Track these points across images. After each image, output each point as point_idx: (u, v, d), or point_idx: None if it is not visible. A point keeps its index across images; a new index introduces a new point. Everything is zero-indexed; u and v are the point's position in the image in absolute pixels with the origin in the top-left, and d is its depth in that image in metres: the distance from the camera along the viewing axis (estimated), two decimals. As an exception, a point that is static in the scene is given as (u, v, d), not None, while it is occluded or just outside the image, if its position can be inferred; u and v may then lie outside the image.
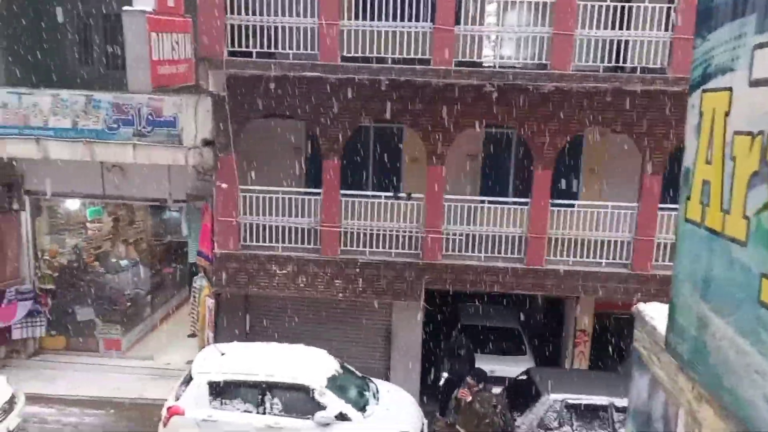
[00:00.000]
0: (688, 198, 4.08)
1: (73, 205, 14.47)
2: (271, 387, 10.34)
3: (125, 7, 10.12)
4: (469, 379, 10.62)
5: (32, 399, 11.90)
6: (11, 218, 13.34)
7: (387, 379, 12.52)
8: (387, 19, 11.06)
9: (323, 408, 10.19)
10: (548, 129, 11.51)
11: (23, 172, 13.25)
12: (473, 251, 11.90)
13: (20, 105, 11.90)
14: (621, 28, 10.97)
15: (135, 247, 15.99)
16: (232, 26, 11.18)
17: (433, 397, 12.59)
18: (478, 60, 11.35)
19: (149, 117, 11.90)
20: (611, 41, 11.01)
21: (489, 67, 11.43)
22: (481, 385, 10.69)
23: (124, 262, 15.40)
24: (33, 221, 13.80)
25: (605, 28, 10.92)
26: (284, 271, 11.98)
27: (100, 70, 14.32)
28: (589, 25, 10.92)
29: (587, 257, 11.88)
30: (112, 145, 11.97)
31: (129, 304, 14.74)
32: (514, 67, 11.41)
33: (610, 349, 13.34)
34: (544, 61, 11.11)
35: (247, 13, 11.14)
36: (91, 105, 11.91)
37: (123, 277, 15.04)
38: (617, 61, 11.13)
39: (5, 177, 13.01)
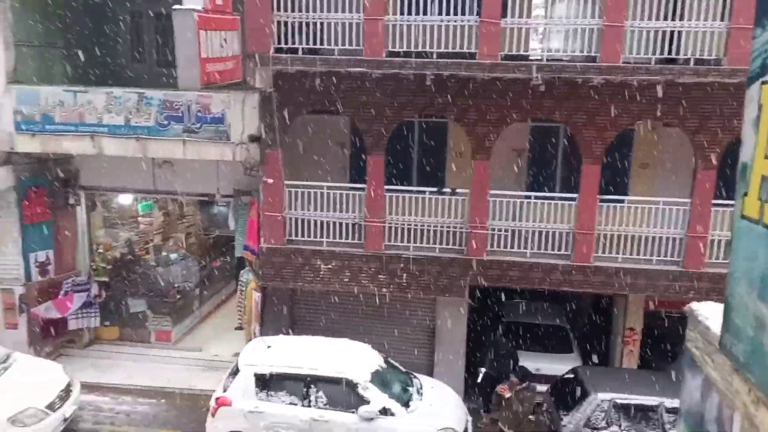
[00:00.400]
0: (745, 194, 3.93)
1: (125, 199, 14.90)
2: (316, 380, 10.46)
3: (175, 6, 10.34)
4: (512, 377, 10.53)
5: (87, 387, 12.35)
6: (68, 213, 13.83)
7: (431, 374, 12.51)
8: (432, 14, 11.00)
9: (367, 402, 10.25)
10: (597, 123, 11.27)
11: (79, 168, 13.69)
12: (519, 247, 11.75)
13: (76, 103, 12.29)
14: (674, 18, 10.65)
15: (184, 241, 16.38)
16: (279, 23, 11.29)
17: (477, 393, 12.52)
18: (525, 53, 11.18)
19: (198, 114, 12.14)
20: (663, 32, 10.69)
21: (536, 60, 11.25)
22: (524, 384, 10.58)
23: (173, 256, 15.78)
24: (88, 215, 14.27)
25: (657, 18, 10.62)
26: (329, 266, 12.07)
27: (151, 68, 14.69)
28: (640, 15, 10.63)
29: (637, 254, 11.60)
30: (162, 142, 12.26)
31: (178, 296, 15.11)
32: (562, 60, 11.20)
33: (661, 349, 13.01)
34: (593, 54, 10.87)
35: (293, 10, 11.23)
36: (143, 102, 12.21)
37: (173, 270, 15.42)
38: (669, 52, 10.80)
39: (62, 173, 13.48)
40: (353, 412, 10.25)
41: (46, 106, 12.32)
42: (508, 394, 10.36)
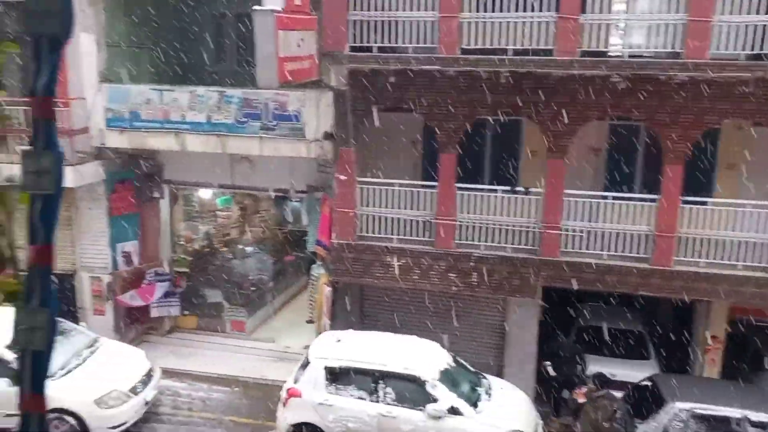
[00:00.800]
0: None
1: (205, 194, 15.47)
2: (385, 376, 10.55)
3: (256, 7, 10.64)
4: (589, 383, 10.29)
5: (167, 373, 12.92)
6: (152, 206, 14.50)
7: (500, 376, 12.37)
8: (508, 10, 10.86)
9: (435, 401, 10.26)
10: (680, 122, 10.83)
11: (163, 163, 14.32)
12: (594, 249, 11.45)
13: (162, 101, 12.87)
14: (767, 12, 10.08)
15: (259, 235, 16.85)
16: (354, 22, 11.43)
17: (547, 396, 12.30)
18: (605, 49, 10.87)
19: (275, 111, 12.44)
20: (754, 27, 10.14)
21: (616, 56, 10.92)
22: (603, 391, 10.31)
23: (249, 249, 16.27)
24: (171, 209, 14.92)
25: (747, 12, 10.09)
26: (399, 263, 12.14)
27: (232, 67, 15.17)
28: (729, 10, 10.13)
29: (721, 259, 11.07)
30: (241, 138, 12.65)
31: (253, 288, 15.57)
32: (644, 56, 10.82)
33: (746, 358, 12.38)
34: (677, 50, 10.45)
35: (368, 9, 11.35)
36: (224, 100, 12.64)
37: (248, 263, 15.90)
38: (761, 48, 10.24)
39: (147, 168, 14.14)
40: (421, 410, 10.28)
41: (134, 104, 12.96)
42: (582, 399, 10.12)
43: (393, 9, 11.23)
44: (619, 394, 11.21)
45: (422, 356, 10.98)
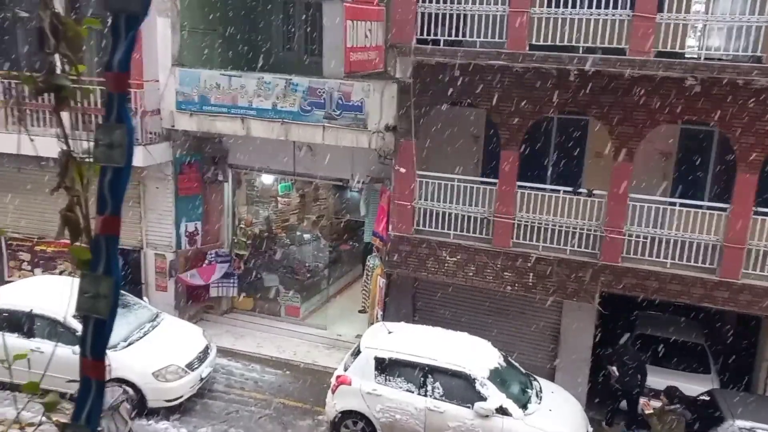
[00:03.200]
0: None
1: (267, 179, 15.77)
2: (434, 371, 10.54)
3: (326, -3, 10.77)
4: (662, 396, 10.02)
5: (222, 352, 13.29)
6: (216, 189, 14.89)
7: (552, 380, 12.18)
8: (580, 7, 10.60)
9: (484, 399, 10.19)
10: (757, 129, 10.35)
11: (228, 147, 14.68)
12: (658, 256, 11.10)
13: (230, 87, 13.17)
14: None
15: (317, 223, 17.07)
16: (422, 14, 11.39)
17: (600, 404, 12.04)
18: (680, 50, 10.48)
19: (339, 101, 12.55)
20: None
21: (692, 58, 10.52)
22: (674, 406, 10.00)
23: (307, 236, 16.51)
24: (233, 192, 15.28)
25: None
26: (454, 259, 12.09)
27: (299, 55, 15.39)
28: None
29: (794, 275, 10.56)
30: (304, 126, 12.83)
31: (309, 275, 15.80)
32: (722, 60, 10.38)
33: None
34: (758, 54, 9.98)
35: (437, 2, 11.29)
36: (290, 88, 12.83)
37: (305, 250, 16.15)
38: None
39: (214, 151, 14.52)
40: (469, 407, 10.24)
41: (204, 88, 13.31)
42: (649, 411, 9.86)
43: (462, 3, 11.14)
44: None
45: (473, 353, 10.92)
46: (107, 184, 1.16)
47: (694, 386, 11.31)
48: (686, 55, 10.63)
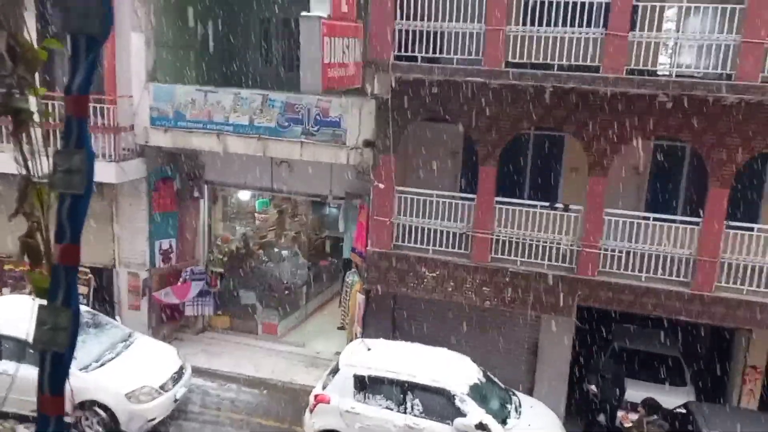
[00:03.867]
0: None
1: (244, 195, 15.64)
2: (413, 387, 10.48)
3: (303, 13, 10.75)
4: (640, 408, 10.06)
5: (197, 372, 13.06)
6: (192, 205, 14.72)
7: (531, 393, 12.20)
8: (555, 25, 10.76)
9: (463, 415, 10.15)
10: (728, 145, 10.57)
11: (204, 163, 14.54)
12: (633, 270, 11.22)
13: (206, 102, 13.07)
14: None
15: (296, 239, 16.96)
16: (400, 31, 11.46)
17: (578, 417, 12.07)
18: (653, 68, 10.68)
19: (317, 117, 12.54)
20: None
21: (664, 75, 10.72)
22: (653, 417, 10.06)
23: (284, 253, 16.38)
24: (209, 209, 15.12)
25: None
26: (433, 274, 12.08)
27: (276, 71, 15.35)
28: (786, 31, 9.86)
29: (766, 287, 10.74)
30: (282, 142, 12.77)
31: (287, 292, 15.66)
32: (693, 77, 10.60)
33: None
34: (728, 71, 10.22)
35: (414, 19, 11.37)
36: (267, 104, 12.78)
37: (283, 267, 16.01)
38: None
39: (189, 167, 14.37)
40: (449, 424, 10.18)
41: (179, 104, 13.19)
42: (628, 424, 9.90)
43: (439, 20, 11.23)
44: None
45: (452, 369, 10.88)
46: (66, 212, 1.11)
47: (671, 398, 11.41)
48: (658, 73, 10.83)
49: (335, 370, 11.11)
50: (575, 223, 11.47)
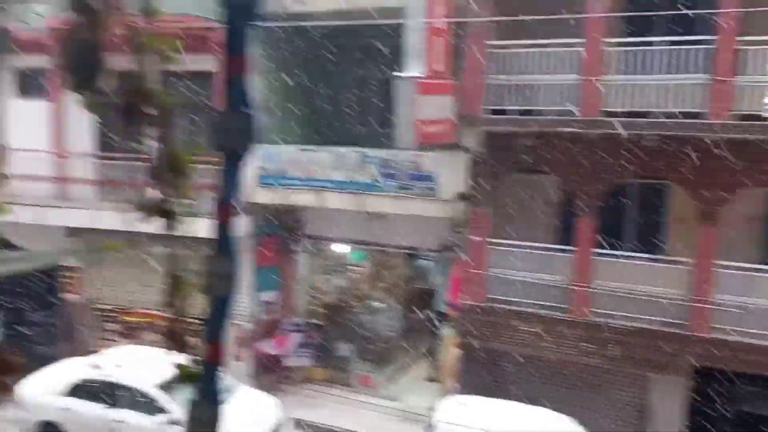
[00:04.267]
0: None
1: (341, 249, 16.02)
2: (512, 448, 10.12)
3: (397, 73, 11.13)
4: None
5: (296, 423, 13.23)
6: (292, 258, 15.24)
7: (639, 459, 11.43)
8: (652, 72, 10.52)
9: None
10: None
11: (304, 219, 15.07)
12: (758, 328, 10.41)
13: (307, 161, 13.68)
14: None
15: (390, 291, 17.06)
16: (492, 86, 11.58)
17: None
18: (759, 112, 10.16)
19: (411, 172, 12.78)
20: None
21: (774, 119, 10.16)
22: None
23: (379, 305, 16.50)
24: (309, 262, 15.58)
25: None
26: (529, 329, 11.77)
27: (372, 129, 15.83)
28: None
29: None
30: (378, 197, 13.08)
31: (381, 344, 15.70)
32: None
33: None
34: None
35: (507, 74, 11.46)
36: (364, 161, 13.21)
37: (378, 319, 16.11)
38: None
39: (290, 222, 14.95)
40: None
41: (283, 164, 13.86)
42: None
43: (532, 73, 11.27)
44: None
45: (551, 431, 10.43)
46: (214, 312, 1.21)
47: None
48: (766, 116, 10.28)
49: (430, 426, 10.93)
50: (684, 276, 10.88)
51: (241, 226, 14.13)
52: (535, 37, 11.21)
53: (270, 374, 15.09)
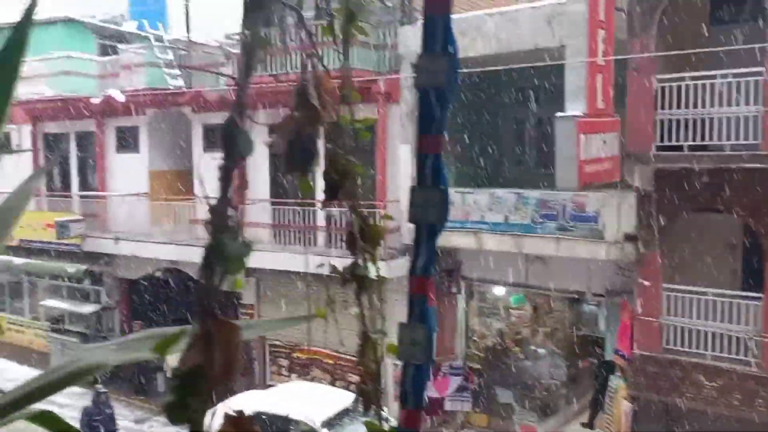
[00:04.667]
0: None
1: (499, 291, 15.76)
2: None
3: (558, 114, 10.92)
4: None
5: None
6: (450, 300, 15.25)
7: None
8: None
9: None
10: None
11: (461, 260, 15.07)
12: None
13: (464, 203, 13.73)
14: None
15: (552, 337, 16.42)
16: (661, 121, 10.95)
17: None
18: None
19: (572, 212, 12.34)
20: None
21: None
22: None
23: (541, 351, 15.92)
24: (467, 304, 15.49)
25: None
26: (713, 384, 10.70)
27: (528, 169, 15.60)
28: None
29: None
30: (536, 238, 12.76)
31: (545, 392, 15.07)
32: None
33: None
34: None
35: (678, 108, 10.79)
36: (521, 202, 12.99)
37: (540, 365, 15.52)
38: None
39: (447, 264, 15.02)
40: None
41: (439, 206, 14.01)
42: None
43: (706, 106, 10.51)
44: None
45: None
46: (409, 379, 1.24)
47: None
48: None
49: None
50: None
51: (401, 265, 14.44)
52: (702, 68, 10.49)
53: (430, 417, 15.05)
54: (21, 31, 0.86)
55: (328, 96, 1.17)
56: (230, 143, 0.95)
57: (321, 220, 15.52)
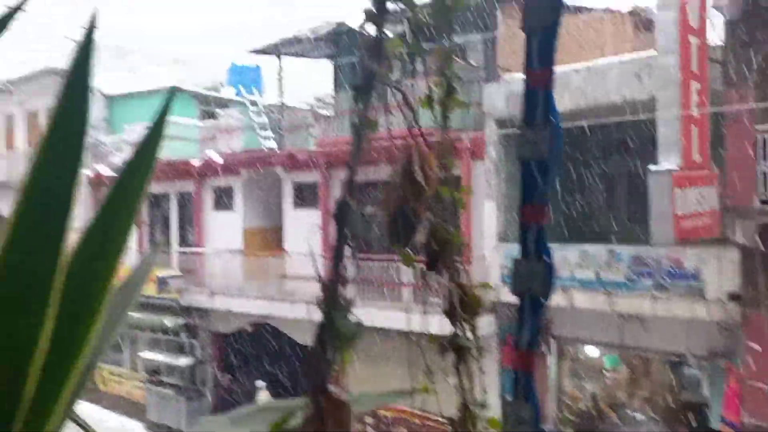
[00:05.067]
0: None
1: (592, 352, 15.11)
2: None
3: (652, 167, 10.59)
4: None
5: None
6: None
7: None
8: None
9: None
10: None
11: (551, 318, 14.59)
12: None
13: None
14: None
15: (649, 402, 15.47)
16: (764, 173, 10.40)
17: None
18: None
19: (669, 269, 11.78)
20: None
21: None
22: None
23: (639, 416, 15.00)
24: (557, 365, 14.91)
25: None
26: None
27: (620, 224, 15.08)
28: None
29: None
30: (630, 297, 12.23)
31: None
32: None
33: None
34: None
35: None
36: (613, 258, 12.55)
37: (638, 432, 14.61)
38: None
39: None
40: None
41: (526, 262, 13.75)
42: None
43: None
44: None
45: None
46: None
47: None
48: None
49: None
50: None
51: (487, 323, 14.17)
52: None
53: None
54: (157, 128, 0.95)
55: (431, 172, 1.22)
56: (342, 222, 1.01)
57: (405, 276, 15.54)
